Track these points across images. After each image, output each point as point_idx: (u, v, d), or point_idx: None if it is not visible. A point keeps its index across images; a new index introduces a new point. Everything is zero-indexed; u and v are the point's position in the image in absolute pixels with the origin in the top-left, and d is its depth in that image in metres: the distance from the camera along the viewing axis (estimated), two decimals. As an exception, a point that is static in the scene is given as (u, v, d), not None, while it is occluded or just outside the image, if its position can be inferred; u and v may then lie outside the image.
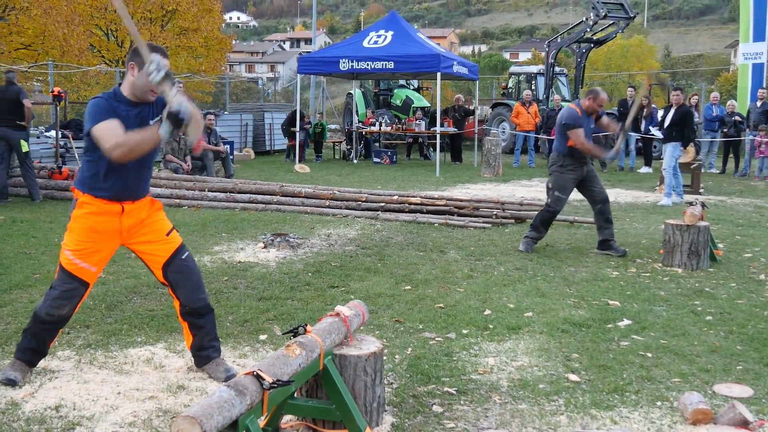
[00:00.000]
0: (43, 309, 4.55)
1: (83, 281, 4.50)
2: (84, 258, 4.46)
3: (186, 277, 4.64)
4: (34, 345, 4.64)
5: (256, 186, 12.35)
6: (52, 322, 4.59)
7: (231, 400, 2.90)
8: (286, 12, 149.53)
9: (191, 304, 4.65)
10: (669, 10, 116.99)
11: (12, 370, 4.57)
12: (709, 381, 4.76)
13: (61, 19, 25.67)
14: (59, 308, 4.53)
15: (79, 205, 4.49)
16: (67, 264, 4.48)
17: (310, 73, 23.72)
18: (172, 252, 4.62)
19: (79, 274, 4.47)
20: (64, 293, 4.50)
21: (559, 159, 8.82)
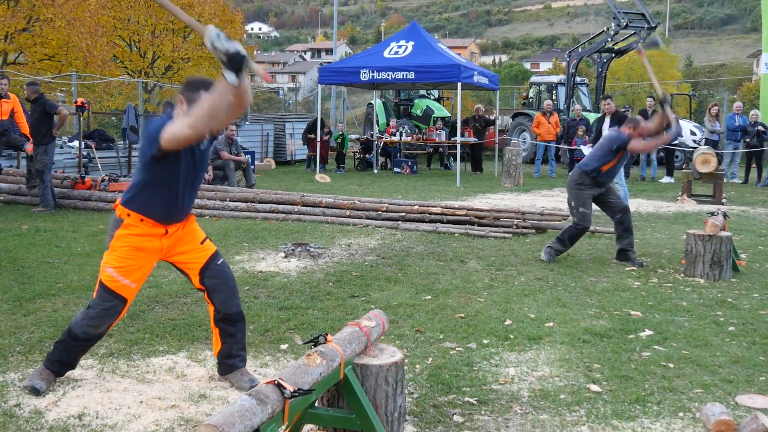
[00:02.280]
0: (79, 327, 4.57)
1: (123, 298, 4.52)
2: (126, 275, 4.48)
3: (223, 282, 4.69)
4: (65, 358, 4.67)
5: (277, 196, 12.40)
6: (87, 339, 4.63)
7: (252, 408, 2.91)
8: (307, 23, 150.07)
9: (226, 309, 4.68)
10: (691, 20, 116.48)
11: (39, 378, 4.61)
12: (731, 392, 4.73)
13: (85, 30, 25.89)
14: (97, 327, 4.57)
15: (125, 226, 4.48)
16: (109, 281, 4.48)
17: (331, 83, 23.78)
18: (208, 258, 4.67)
19: (120, 291, 4.49)
20: (104, 311, 4.52)
21: (581, 178, 8.82)
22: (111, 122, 29.34)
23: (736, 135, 19.92)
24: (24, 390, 4.56)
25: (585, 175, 8.79)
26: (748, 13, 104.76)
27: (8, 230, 10.36)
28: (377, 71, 19.34)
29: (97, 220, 11.42)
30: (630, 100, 39.26)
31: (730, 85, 48.87)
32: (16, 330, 5.82)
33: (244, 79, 3.78)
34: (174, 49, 32.58)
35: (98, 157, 16.16)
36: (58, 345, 4.68)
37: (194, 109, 4.05)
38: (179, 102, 4.33)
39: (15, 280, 7.49)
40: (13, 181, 13.54)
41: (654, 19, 24.04)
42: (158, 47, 32.68)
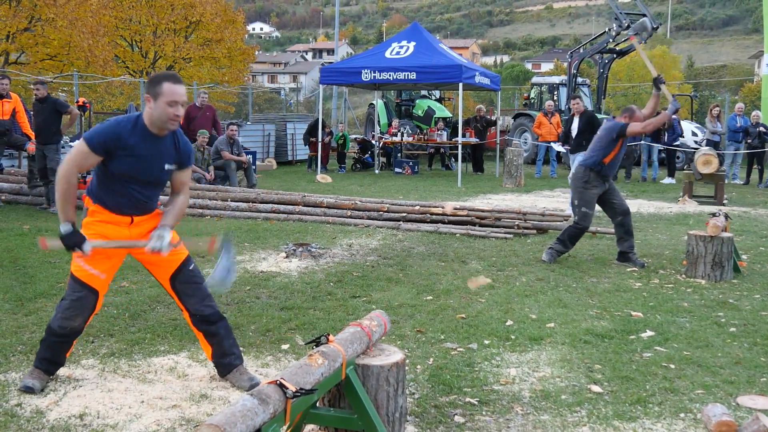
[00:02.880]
0: (55, 322, 4.59)
1: (92, 289, 4.52)
2: (94, 264, 4.49)
3: (195, 287, 4.68)
4: (49, 356, 4.68)
5: (278, 196, 12.40)
6: (64, 335, 4.62)
7: (254, 408, 2.91)
8: (309, 23, 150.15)
9: (200, 311, 4.67)
10: (692, 21, 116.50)
11: (31, 378, 4.62)
12: (732, 393, 4.73)
13: (87, 30, 25.92)
14: (71, 319, 4.56)
15: (90, 214, 4.57)
16: (77, 271, 4.52)
17: (333, 83, 23.78)
18: (179, 263, 4.65)
19: (88, 281, 4.50)
20: (74, 303, 4.53)
21: (585, 174, 8.78)
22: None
23: (738, 136, 19.91)
24: (20, 390, 4.55)
25: (589, 171, 8.76)
26: (749, 14, 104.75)
27: (10, 230, 10.37)
28: (379, 72, 19.33)
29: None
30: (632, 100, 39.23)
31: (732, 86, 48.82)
32: (18, 329, 5.83)
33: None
34: (175, 49, 32.62)
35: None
36: (42, 343, 4.70)
37: (67, 185, 4.37)
38: (146, 100, 4.34)
39: (16, 279, 7.50)
40: (15, 181, 13.54)
41: (656, 20, 24.02)
42: (160, 47, 32.71)
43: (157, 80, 4.30)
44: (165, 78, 4.29)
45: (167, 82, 4.25)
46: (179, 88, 4.27)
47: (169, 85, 4.24)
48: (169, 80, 4.26)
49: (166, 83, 4.24)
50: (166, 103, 4.24)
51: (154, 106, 4.29)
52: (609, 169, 8.76)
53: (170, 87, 4.24)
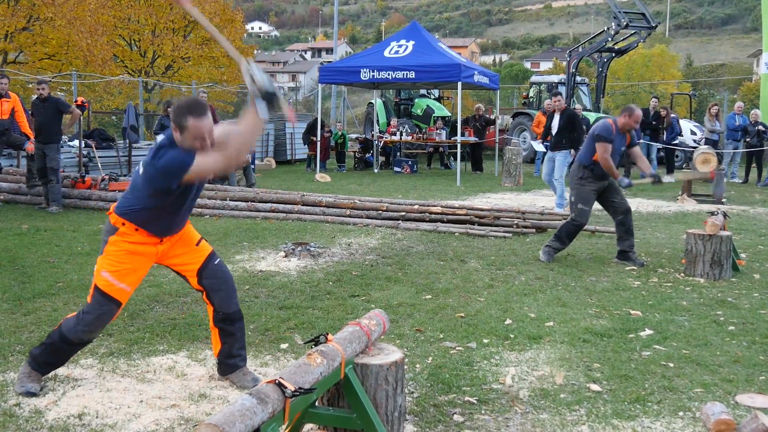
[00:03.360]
0: (73, 333, 4.53)
1: (118, 302, 4.51)
2: (121, 278, 4.47)
3: (221, 282, 4.69)
4: (53, 360, 4.65)
5: (278, 195, 12.39)
6: (79, 344, 4.62)
7: (253, 408, 2.91)
8: (308, 22, 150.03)
9: (225, 309, 4.68)
10: (691, 20, 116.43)
11: (30, 381, 4.59)
12: (731, 391, 4.73)
13: (85, 29, 25.90)
14: (93, 332, 4.56)
15: (119, 234, 4.47)
16: (105, 285, 4.47)
17: (332, 82, 23.78)
18: (204, 258, 4.67)
19: (115, 294, 4.48)
20: (100, 316, 4.50)
21: (580, 171, 8.79)
22: (111, 121, 29.41)
23: (737, 135, 19.91)
24: (21, 394, 4.53)
25: (584, 168, 8.77)
26: (748, 12, 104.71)
27: (8, 229, 10.36)
28: (378, 71, 19.34)
29: (97, 220, 11.42)
30: (630, 99, 39.24)
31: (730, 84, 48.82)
32: (16, 329, 5.82)
33: (272, 112, 3.98)
34: (174, 48, 32.61)
35: (98, 157, 16.15)
36: (46, 347, 4.63)
37: (231, 142, 4.13)
38: (174, 130, 4.23)
39: (15, 279, 7.49)
40: (14, 181, 13.54)
41: (654, 19, 24.06)
42: (158, 46, 32.71)
43: (181, 113, 4.16)
44: (189, 111, 4.14)
45: (191, 117, 4.11)
46: (205, 121, 4.14)
47: (193, 121, 4.11)
48: (193, 114, 4.12)
49: (190, 119, 4.11)
50: (192, 138, 4.16)
51: (182, 139, 4.20)
52: (601, 168, 8.73)
53: (195, 124, 4.12)
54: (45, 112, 12.09)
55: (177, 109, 4.19)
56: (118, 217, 4.46)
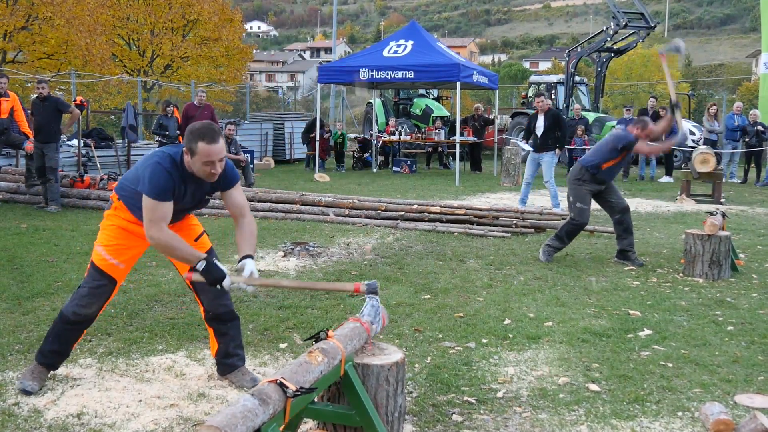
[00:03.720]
0: (69, 308, 4.58)
1: (112, 278, 4.55)
2: (115, 255, 4.52)
3: None
4: (56, 347, 4.65)
5: (276, 195, 12.39)
6: (78, 321, 4.61)
7: (255, 409, 2.90)
8: (307, 22, 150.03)
9: (214, 309, 4.69)
10: (690, 20, 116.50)
11: (30, 378, 4.58)
12: (730, 391, 4.74)
13: (84, 28, 25.88)
14: (87, 306, 4.56)
15: (114, 208, 4.56)
16: (99, 260, 4.53)
17: (331, 82, 23.79)
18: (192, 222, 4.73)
19: (109, 270, 4.52)
20: (93, 290, 4.54)
21: (580, 173, 8.79)
22: (110, 121, 29.37)
23: (735, 135, 19.91)
24: (17, 391, 4.53)
25: (585, 171, 8.77)
26: (747, 12, 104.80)
27: (7, 229, 10.36)
28: (376, 70, 19.34)
29: (96, 219, 11.40)
30: (629, 99, 39.22)
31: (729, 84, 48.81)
32: (15, 329, 5.82)
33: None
34: (173, 48, 32.58)
35: (97, 156, 16.16)
36: (48, 335, 4.68)
37: (170, 240, 4.20)
38: (185, 153, 4.23)
39: (14, 278, 7.49)
40: (12, 180, 13.52)
41: (653, 19, 24.05)
42: (157, 46, 32.68)
43: (193, 137, 4.15)
44: (201, 137, 4.13)
45: (202, 142, 4.11)
46: (215, 147, 4.13)
47: (203, 145, 4.11)
48: (204, 140, 4.11)
49: (201, 143, 4.11)
50: (202, 162, 4.16)
51: (192, 161, 4.20)
52: (605, 174, 8.74)
53: (205, 148, 4.11)
54: (44, 111, 12.09)
55: (189, 133, 4.18)
56: (115, 192, 4.56)
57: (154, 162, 4.26)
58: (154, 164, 4.24)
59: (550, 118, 13.07)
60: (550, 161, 13.14)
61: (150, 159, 4.31)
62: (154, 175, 4.20)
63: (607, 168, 8.71)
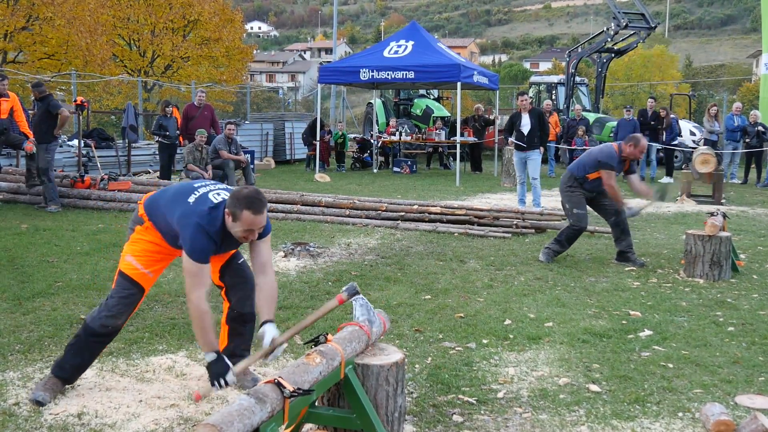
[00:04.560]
0: (97, 320, 4.54)
1: (141, 287, 4.54)
2: (146, 264, 4.53)
3: (242, 281, 4.69)
4: (78, 361, 4.60)
5: (277, 195, 12.39)
6: (105, 334, 4.59)
7: (251, 408, 2.91)
8: (307, 22, 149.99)
9: (241, 308, 4.69)
10: (690, 20, 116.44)
11: (43, 390, 4.50)
12: (731, 392, 4.74)
13: (85, 29, 25.91)
14: (117, 317, 4.54)
15: (145, 228, 4.54)
16: (128, 269, 4.51)
17: (331, 82, 23.79)
18: (229, 255, 4.68)
19: (138, 279, 4.52)
20: (123, 299, 4.52)
21: (570, 180, 8.85)
22: (110, 121, 29.38)
23: (735, 135, 19.90)
24: (30, 402, 4.45)
25: (573, 178, 8.82)
26: (747, 13, 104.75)
27: (7, 229, 10.35)
28: (377, 71, 19.33)
29: (97, 219, 11.42)
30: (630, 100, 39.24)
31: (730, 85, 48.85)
32: (16, 329, 5.82)
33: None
34: (173, 48, 32.62)
35: (97, 156, 16.16)
36: (71, 348, 4.62)
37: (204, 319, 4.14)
38: (227, 214, 4.18)
39: (14, 278, 7.48)
40: (13, 180, 13.52)
41: (654, 19, 24.07)
42: (158, 46, 32.72)
43: (239, 204, 4.08)
44: (248, 205, 4.07)
45: (248, 211, 4.05)
46: (260, 218, 4.10)
47: (248, 214, 4.05)
48: (251, 209, 4.06)
49: (246, 212, 4.06)
50: (243, 229, 4.13)
51: (232, 225, 4.16)
52: (592, 185, 8.78)
53: (250, 217, 4.06)
54: (37, 111, 12.15)
55: (235, 199, 4.11)
56: (145, 212, 4.54)
57: (195, 223, 4.19)
58: (196, 225, 4.19)
59: (536, 116, 13.27)
60: (537, 159, 13.39)
61: (191, 217, 4.23)
62: (196, 240, 4.17)
63: (593, 179, 8.72)
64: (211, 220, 4.22)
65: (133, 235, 4.57)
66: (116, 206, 12.44)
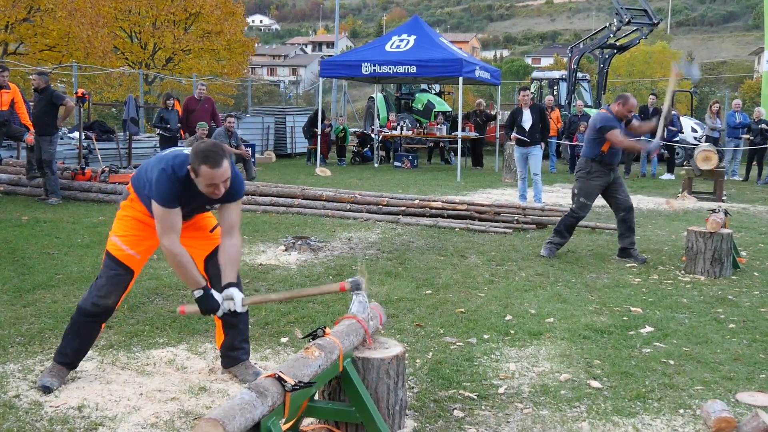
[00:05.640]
0: (88, 300, 4.56)
1: (128, 268, 4.53)
2: (130, 245, 4.50)
3: None
4: (76, 344, 4.62)
5: (278, 189, 12.39)
6: (97, 313, 4.58)
7: (253, 401, 2.91)
8: (309, 15, 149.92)
9: None
10: (692, 17, 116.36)
11: (49, 376, 4.55)
12: (732, 389, 4.73)
13: (86, 21, 25.89)
14: (106, 296, 4.54)
15: (130, 200, 4.56)
16: (114, 249, 4.51)
17: (332, 76, 23.78)
18: (214, 247, 4.64)
19: (125, 260, 4.51)
20: (110, 279, 4.51)
21: (587, 165, 8.75)
22: (111, 113, 29.41)
23: (737, 132, 19.89)
24: (37, 389, 4.49)
25: (590, 162, 8.71)
26: (750, 10, 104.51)
27: (8, 221, 10.35)
28: (379, 65, 19.31)
29: (97, 212, 11.41)
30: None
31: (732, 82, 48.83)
32: (16, 321, 5.82)
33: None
34: (175, 41, 32.60)
35: (98, 149, 16.14)
36: (67, 333, 4.65)
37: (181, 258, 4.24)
38: (190, 170, 4.20)
39: (15, 271, 7.48)
40: (13, 172, 13.53)
41: (656, 16, 24.03)
42: (159, 38, 32.69)
43: (197, 159, 4.12)
44: (204, 160, 4.10)
45: (205, 166, 4.08)
46: (218, 171, 4.11)
47: (206, 169, 4.09)
48: (207, 164, 4.09)
49: (204, 167, 4.09)
50: (205, 184, 4.16)
51: (196, 180, 4.20)
52: (610, 156, 8.67)
53: (208, 172, 4.10)
54: (39, 103, 12.11)
55: (193, 154, 4.15)
56: (131, 183, 4.56)
57: (160, 169, 4.25)
58: (160, 171, 4.24)
59: (537, 112, 13.32)
60: (538, 155, 13.48)
61: (158, 163, 4.30)
62: (160, 183, 4.22)
63: (609, 150, 8.64)
64: (177, 166, 4.27)
65: (119, 212, 4.58)
66: (117, 199, 12.40)
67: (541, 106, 13.78)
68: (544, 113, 13.57)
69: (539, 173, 13.46)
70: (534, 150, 13.38)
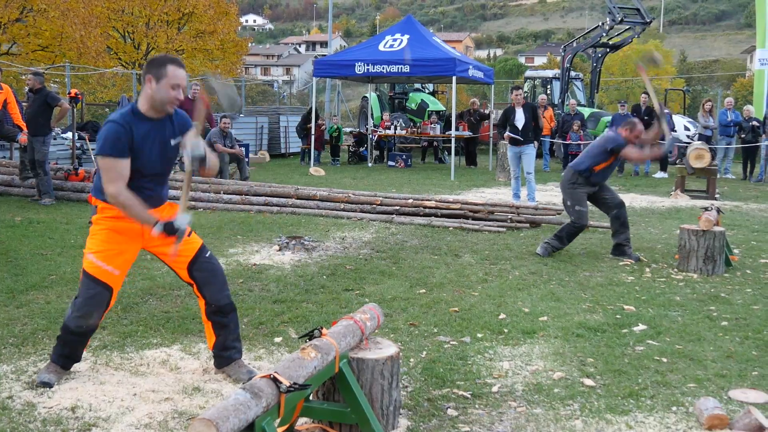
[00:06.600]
0: (71, 321, 4.55)
1: (107, 285, 4.49)
2: (107, 260, 4.48)
3: (212, 274, 4.66)
4: (66, 352, 4.65)
5: (271, 189, 12.38)
6: (81, 333, 4.59)
7: (247, 402, 2.91)
8: (302, 15, 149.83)
9: (217, 302, 4.66)
10: (685, 16, 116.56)
11: (48, 372, 4.59)
12: (724, 386, 4.74)
13: (79, 21, 25.83)
14: (86, 317, 4.53)
15: (100, 211, 4.52)
16: (90, 267, 4.49)
17: (326, 76, 23.77)
18: (195, 251, 4.63)
19: (102, 277, 4.47)
20: (89, 300, 4.49)
21: (573, 177, 8.81)
22: (105, 114, 29.32)
23: (729, 130, 19.92)
24: (37, 385, 4.52)
25: (578, 175, 8.77)
26: (742, 9, 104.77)
27: (1, 222, 10.33)
28: (372, 64, 19.30)
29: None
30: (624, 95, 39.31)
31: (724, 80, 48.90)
32: (9, 322, 5.81)
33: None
34: (168, 41, 32.52)
35: (91, 149, 16.10)
36: (58, 339, 4.67)
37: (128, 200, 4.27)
38: (147, 81, 4.31)
39: (8, 271, 7.47)
40: (6, 173, 13.49)
41: (649, 14, 24.06)
42: (152, 39, 32.62)
43: (161, 62, 4.33)
44: (170, 61, 4.33)
45: (172, 65, 4.30)
46: (182, 72, 4.33)
47: (173, 68, 4.29)
48: (173, 63, 4.32)
49: (170, 66, 4.29)
50: (169, 85, 4.28)
51: (156, 88, 4.30)
52: (598, 176, 8.76)
53: (174, 70, 4.29)
54: (33, 104, 12.07)
55: (154, 60, 4.35)
56: (94, 197, 4.56)
57: (105, 124, 4.35)
58: (105, 125, 4.35)
59: (529, 111, 13.36)
60: (531, 154, 13.54)
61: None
62: (108, 133, 4.29)
63: (600, 170, 8.71)
64: (120, 114, 4.39)
65: (92, 227, 4.60)
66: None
67: (533, 105, 13.84)
68: (537, 112, 13.62)
69: (532, 172, 13.50)
70: (527, 149, 13.42)
